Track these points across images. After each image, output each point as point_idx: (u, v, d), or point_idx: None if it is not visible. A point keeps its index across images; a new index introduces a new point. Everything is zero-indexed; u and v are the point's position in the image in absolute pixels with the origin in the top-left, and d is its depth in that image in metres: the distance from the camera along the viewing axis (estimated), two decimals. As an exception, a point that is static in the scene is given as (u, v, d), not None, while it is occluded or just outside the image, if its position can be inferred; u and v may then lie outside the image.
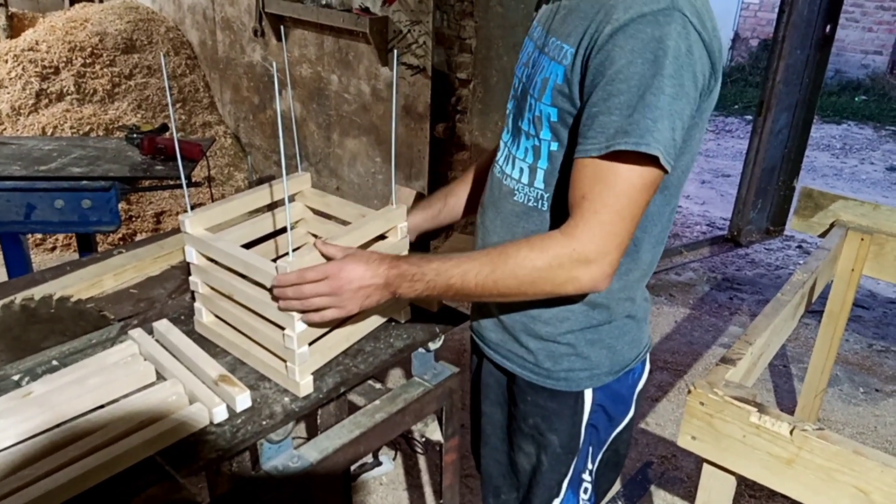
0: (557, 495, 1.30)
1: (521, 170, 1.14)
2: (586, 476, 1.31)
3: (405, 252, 1.30)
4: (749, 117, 7.30)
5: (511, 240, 1.15)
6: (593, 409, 1.23)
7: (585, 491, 1.32)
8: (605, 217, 0.97)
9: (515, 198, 1.16)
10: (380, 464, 2.33)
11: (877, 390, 2.93)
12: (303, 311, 1.06)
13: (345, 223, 1.29)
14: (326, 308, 1.05)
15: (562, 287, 1.02)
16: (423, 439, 2.43)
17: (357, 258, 1.05)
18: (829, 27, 4.04)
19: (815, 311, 3.01)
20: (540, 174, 1.11)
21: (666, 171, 0.97)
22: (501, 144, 1.22)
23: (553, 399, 1.22)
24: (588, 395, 1.22)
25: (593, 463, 1.31)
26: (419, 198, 4.12)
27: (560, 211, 1.09)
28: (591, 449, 1.29)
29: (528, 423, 1.26)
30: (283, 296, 1.04)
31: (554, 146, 1.08)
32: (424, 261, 1.06)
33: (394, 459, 2.39)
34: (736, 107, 7.81)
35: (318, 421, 1.85)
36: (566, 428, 1.23)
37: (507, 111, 1.21)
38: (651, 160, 0.95)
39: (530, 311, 1.18)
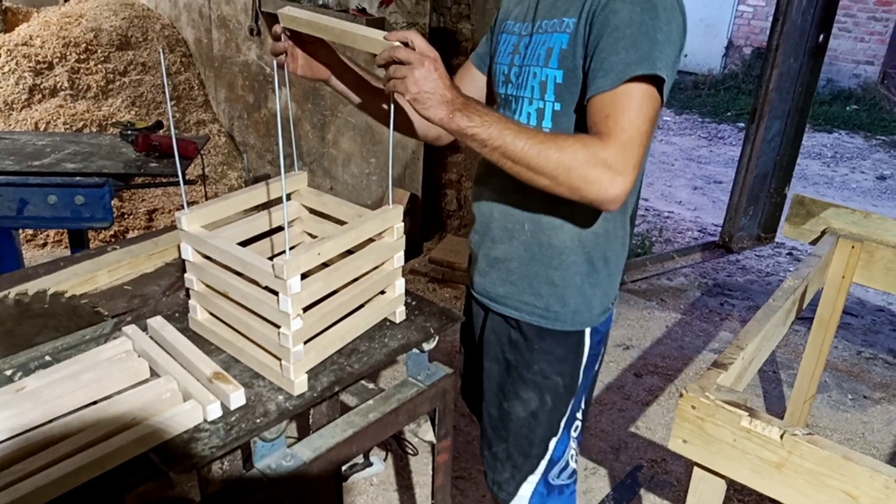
0: (556, 434, 1.40)
1: None
2: (579, 415, 1.43)
3: (402, 251, 1.31)
4: (741, 124, 7.34)
5: (512, 206, 1.30)
6: (590, 350, 1.36)
7: (576, 429, 1.44)
8: (630, 133, 1.08)
9: None
10: (371, 464, 2.33)
11: (865, 397, 2.95)
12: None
13: (341, 223, 1.29)
14: (403, 67, 1.06)
15: (589, 186, 1.09)
16: (416, 439, 2.43)
17: (444, 69, 1.07)
18: (822, 36, 4.08)
19: (804, 317, 3.03)
20: None
21: (662, 103, 1.12)
22: None
23: (560, 344, 1.34)
24: (587, 337, 1.35)
25: (586, 403, 1.44)
26: (413, 199, 4.11)
27: None
28: (584, 389, 1.41)
29: (533, 370, 1.36)
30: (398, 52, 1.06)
31: (558, 106, 1.22)
32: (486, 105, 1.14)
33: (385, 460, 2.39)
34: (728, 114, 7.85)
35: (311, 420, 1.84)
36: (569, 370, 1.36)
37: (501, 96, 1.34)
38: (656, 86, 1.09)
39: (542, 260, 1.31)
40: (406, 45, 1.06)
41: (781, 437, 1.14)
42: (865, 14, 8.20)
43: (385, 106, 1.37)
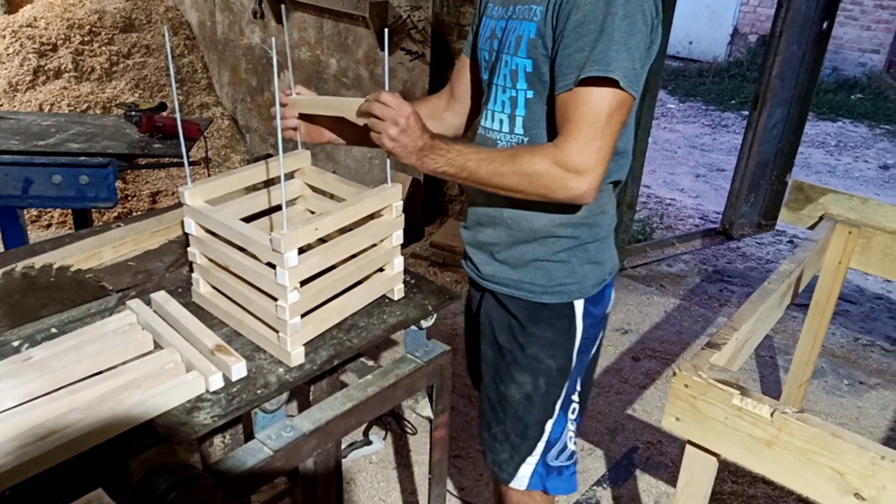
0: (552, 416, 1.44)
1: (501, 121, 1.31)
2: (575, 397, 1.46)
3: (400, 229, 1.33)
4: (745, 112, 7.30)
5: (492, 196, 1.31)
6: (584, 334, 1.39)
7: (573, 411, 1.48)
8: (587, 134, 1.15)
9: (500, 146, 1.32)
10: (370, 443, 2.37)
11: (861, 383, 2.97)
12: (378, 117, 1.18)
13: (342, 201, 1.31)
14: (381, 123, 1.17)
15: (554, 192, 1.19)
16: (414, 416, 2.46)
17: (418, 120, 1.19)
18: (826, 23, 4.06)
19: (802, 304, 3.05)
20: (519, 121, 1.29)
21: (633, 97, 1.16)
22: (483, 109, 1.38)
23: (551, 328, 1.37)
24: (579, 320, 1.37)
25: (581, 385, 1.47)
26: (415, 183, 4.10)
27: None
28: (578, 372, 1.45)
29: (526, 354, 1.39)
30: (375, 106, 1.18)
31: (530, 94, 1.26)
32: (450, 141, 1.24)
33: (384, 439, 2.42)
34: (733, 102, 7.82)
35: (311, 398, 1.87)
36: (562, 353, 1.39)
37: (485, 81, 1.37)
38: (615, 84, 1.13)
39: (525, 240, 1.34)
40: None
41: (772, 414, 1.16)
42: (872, 2, 8.14)
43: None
